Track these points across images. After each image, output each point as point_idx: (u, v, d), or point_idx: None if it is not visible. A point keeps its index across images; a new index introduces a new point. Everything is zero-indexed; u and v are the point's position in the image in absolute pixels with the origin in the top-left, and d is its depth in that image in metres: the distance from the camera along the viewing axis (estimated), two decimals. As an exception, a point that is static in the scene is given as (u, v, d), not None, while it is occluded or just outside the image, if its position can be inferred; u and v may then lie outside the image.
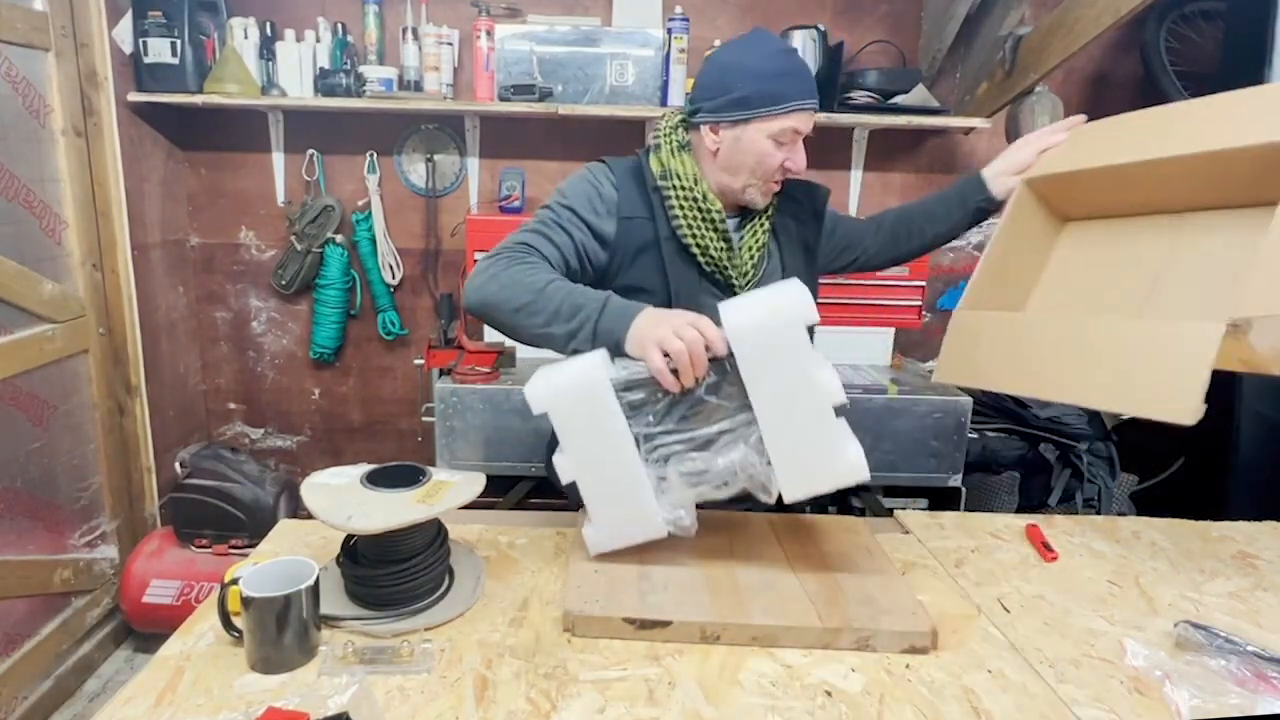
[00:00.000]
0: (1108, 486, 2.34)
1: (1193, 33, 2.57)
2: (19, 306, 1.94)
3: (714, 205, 1.27)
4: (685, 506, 1.05)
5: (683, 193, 1.26)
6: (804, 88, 1.24)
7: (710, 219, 1.27)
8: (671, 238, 1.27)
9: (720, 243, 1.28)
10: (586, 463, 1.04)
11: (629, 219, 1.28)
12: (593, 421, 1.02)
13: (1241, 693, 0.86)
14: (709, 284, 1.29)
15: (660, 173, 1.28)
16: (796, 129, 1.25)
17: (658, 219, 1.28)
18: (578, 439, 1.04)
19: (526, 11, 2.51)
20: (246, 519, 2.25)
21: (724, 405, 1.03)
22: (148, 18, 2.24)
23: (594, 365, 1.02)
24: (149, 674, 0.86)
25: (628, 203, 1.28)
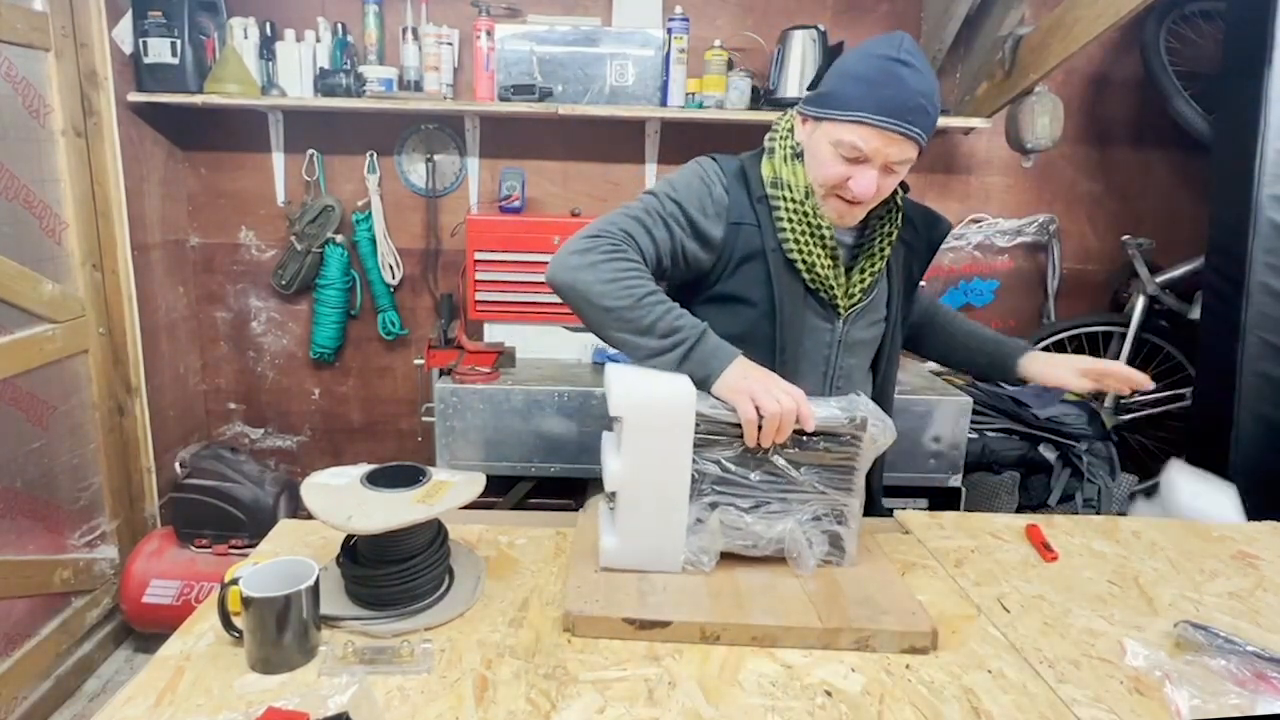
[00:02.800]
0: (1108, 486, 2.34)
1: (1193, 33, 2.57)
2: (19, 306, 1.94)
3: (824, 221, 1.19)
4: (710, 553, 1.06)
5: (793, 205, 1.19)
6: (879, 102, 1.09)
7: (820, 235, 1.20)
8: (778, 250, 1.21)
9: (828, 260, 1.21)
10: (638, 479, 1.03)
11: (738, 224, 1.22)
12: (664, 443, 1.01)
13: (1241, 693, 0.86)
14: (815, 301, 1.24)
15: (771, 180, 1.22)
16: (856, 145, 1.11)
17: (764, 228, 1.21)
18: (641, 453, 1.02)
19: (526, 11, 2.51)
20: (246, 519, 2.25)
21: (788, 476, 1.05)
22: (148, 18, 2.24)
23: (689, 390, 1.02)
24: (149, 674, 0.86)
25: (738, 207, 1.22)
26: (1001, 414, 2.40)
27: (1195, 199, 2.73)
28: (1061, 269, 2.79)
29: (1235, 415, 2.16)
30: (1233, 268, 2.16)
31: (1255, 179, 2.09)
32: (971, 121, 2.45)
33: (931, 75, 1.13)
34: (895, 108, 1.08)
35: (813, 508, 1.07)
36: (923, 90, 1.10)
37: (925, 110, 1.10)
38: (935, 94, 1.13)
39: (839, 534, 1.08)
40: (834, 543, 1.08)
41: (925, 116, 1.11)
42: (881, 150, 1.11)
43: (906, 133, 1.09)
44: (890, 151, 1.11)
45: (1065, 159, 2.73)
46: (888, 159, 1.12)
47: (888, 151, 1.11)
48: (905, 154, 1.12)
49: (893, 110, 1.09)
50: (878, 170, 1.13)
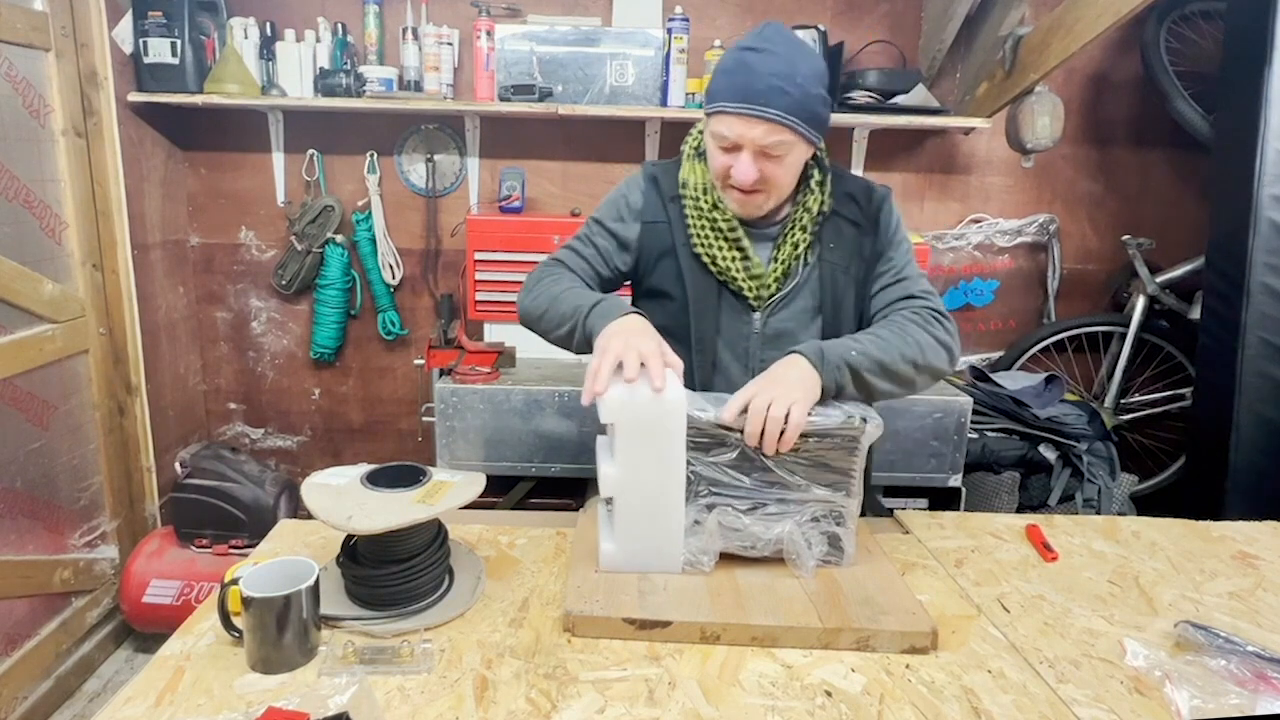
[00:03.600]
0: (1108, 486, 2.34)
1: (1193, 33, 2.57)
2: (19, 306, 1.94)
3: (723, 214, 1.23)
4: (709, 553, 1.06)
5: (692, 202, 1.25)
6: (732, 89, 1.13)
7: (718, 228, 1.24)
8: (687, 245, 1.26)
9: (732, 252, 1.24)
10: (633, 482, 1.03)
11: (651, 223, 1.29)
12: (656, 447, 1.02)
13: (1241, 693, 0.86)
14: (730, 295, 1.27)
15: (682, 180, 1.28)
16: (723, 134, 1.15)
17: (674, 226, 1.27)
18: (634, 457, 1.02)
19: (526, 11, 2.51)
20: (246, 519, 2.25)
21: (789, 480, 1.05)
22: (148, 18, 2.24)
23: (679, 394, 1.02)
24: (149, 674, 0.87)
25: (651, 207, 1.30)
26: (1001, 414, 2.40)
27: (1195, 199, 2.73)
28: (1061, 269, 2.79)
29: (1235, 415, 2.16)
30: (1233, 268, 2.16)
31: (1255, 179, 2.09)
32: (971, 121, 2.45)
33: (795, 59, 1.13)
34: (745, 92, 1.11)
35: (811, 509, 1.07)
36: (775, 72, 1.11)
37: (782, 91, 1.11)
38: (799, 76, 1.12)
39: (838, 535, 1.08)
40: (833, 543, 1.09)
41: (783, 96, 1.11)
42: (745, 135, 1.13)
43: (760, 114, 1.11)
44: (754, 135, 1.13)
45: (1065, 159, 2.73)
46: (756, 143, 1.14)
47: (751, 135, 1.13)
48: (772, 136, 1.13)
49: (743, 95, 1.12)
50: (752, 155, 1.15)
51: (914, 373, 1.15)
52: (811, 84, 1.13)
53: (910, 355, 1.14)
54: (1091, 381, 2.86)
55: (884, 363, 1.12)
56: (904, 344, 1.15)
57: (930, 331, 1.18)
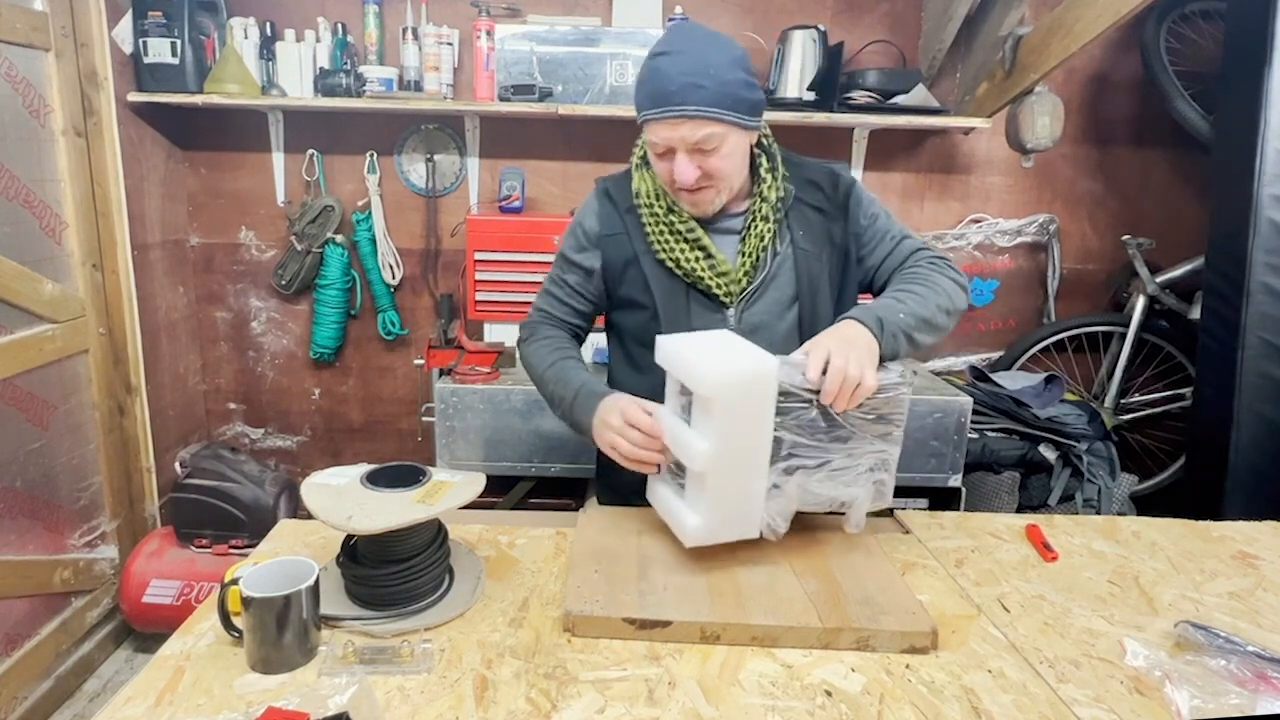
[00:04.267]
0: (1108, 486, 2.34)
1: (1193, 33, 2.57)
2: (19, 306, 1.94)
3: (679, 217, 1.25)
4: (786, 515, 1.08)
5: (648, 210, 1.27)
6: (649, 97, 1.15)
7: (676, 231, 1.25)
8: (649, 253, 1.28)
9: (694, 253, 1.25)
10: (727, 454, 1.01)
11: (610, 237, 1.31)
12: (753, 416, 1.02)
13: (1241, 693, 0.85)
14: (700, 295, 1.27)
15: (635, 190, 1.29)
16: (654, 141, 1.17)
17: (633, 235, 1.29)
18: (731, 431, 1.01)
19: (526, 11, 2.51)
20: (246, 519, 2.25)
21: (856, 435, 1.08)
22: (148, 18, 2.24)
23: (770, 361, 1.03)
24: (149, 674, 0.86)
25: (607, 223, 1.32)
26: (1001, 414, 2.40)
27: (1195, 199, 2.73)
28: (1061, 269, 2.79)
29: (1235, 415, 2.16)
30: (1233, 268, 2.16)
31: (1255, 179, 2.09)
32: (971, 121, 2.45)
33: (704, 53, 1.14)
34: (661, 96, 1.13)
35: (869, 460, 1.10)
36: (686, 70, 1.12)
37: (696, 86, 1.12)
38: (712, 67, 1.13)
39: (883, 480, 1.12)
40: (879, 489, 1.13)
41: (698, 91, 1.12)
42: (672, 137, 1.15)
43: (681, 114, 1.12)
44: (682, 134, 1.14)
45: (1065, 159, 2.73)
46: (686, 142, 1.15)
47: (680, 135, 1.14)
48: (699, 132, 1.13)
49: (660, 99, 1.14)
50: (687, 155, 1.16)
51: (947, 319, 1.21)
52: (727, 72, 1.14)
53: (944, 304, 1.20)
54: (1091, 381, 2.86)
55: (927, 319, 1.16)
56: (937, 295, 1.20)
57: (948, 276, 1.24)
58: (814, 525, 1.22)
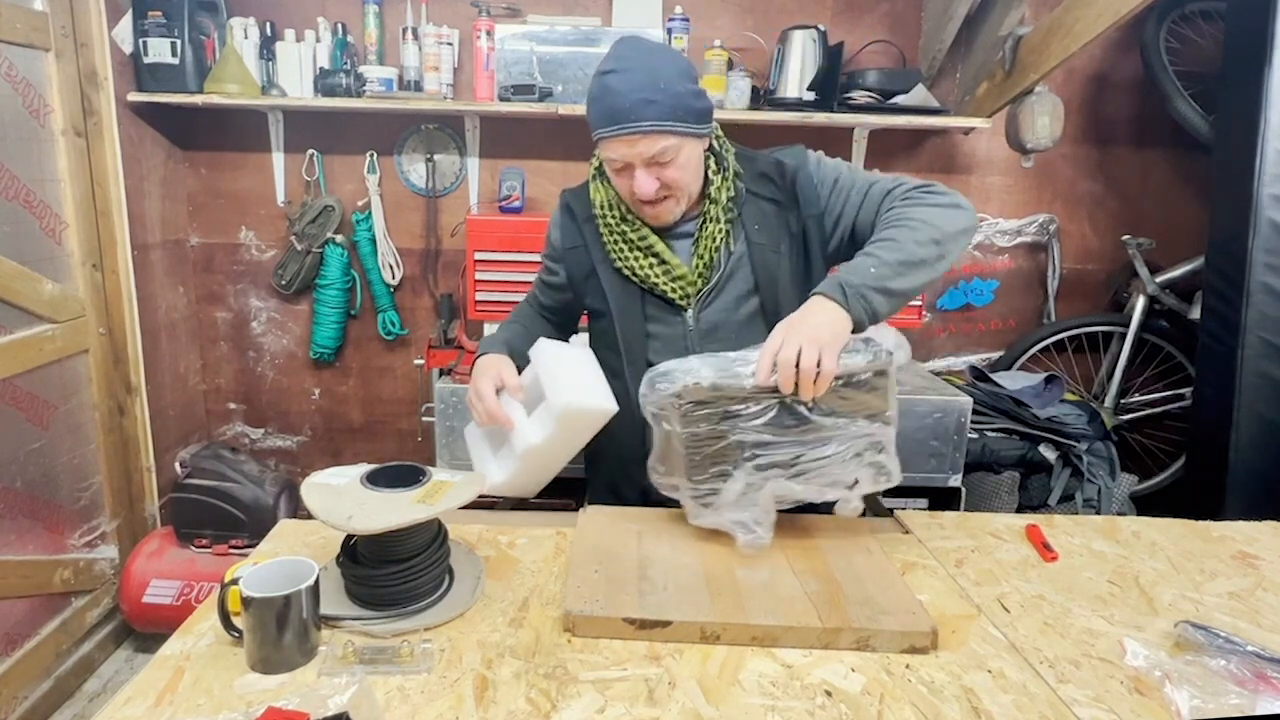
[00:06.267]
0: (1108, 486, 2.34)
1: (1193, 33, 2.57)
2: (19, 306, 1.94)
3: (631, 227, 1.27)
4: (765, 521, 1.10)
5: (601, 221, 1.29)
6: (601, 116, 1.16)
7: (629, 240, 1.27)
8: (606, 261, 1.31)
9: (648, 260, 1.27)
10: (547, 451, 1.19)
11: (571, 249, 1.35)
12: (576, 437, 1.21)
13: (1241, 693, 0.85)
14: (656, 300, 1.29)
15: (592, 201, 1.31)
16: (610, 158, 1.19)
17: (591, 246, 1.32)
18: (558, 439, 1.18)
19: (526, 11, 2.51)
20: (246, 519, 2.25)
21: (829, 423, 1.07)
22: (148, 18, 2.24)
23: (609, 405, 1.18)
24: (149, 674, 0.86)
25: (568, 235, 1.36)
26: (1001, 414, 2.40)
27: (1195, 199, 2.73)
28: (1061, 269, 2.79)
29: (1235, 415, 2.16)
30: (1233, 268, 2.16)
31: (1255, 179, 2.09)
32: (971, 121, 2.45)
33: (652, 68, 1.14)
34: (614, 115, 1.14)
35: (853, 446, 1.08)
36: (636, 86, 1.13)
37: (647, 101, 1.13)
38: (661, 81, 1.13)
39: (880, 461, 1.10)
40: (878, 470, 1.10)
41: (651, 106, 1.13)
42: (630, 153, 1.16)
43: (636, 130, 1.13)
44: (639, 151, 1.15)
45: (1065, 159, 2.73)
46: (643, 157, 1.16)
47: (637, 151, 1.15)
48: (655, 146, 1.14)
49: (612, 118, 1.14)
50: (646, 170, 1.17)
51: (939, 249, 1.12)
52: (675, 83, 1.15)
53: (927, 235, 1.11)
54: (1091, 381, 2.86)
55: (905, 260, 1.09)
56: (913, 230, 1.11)
57: (929, 203, 1.16)
58: (814, 526, 1.22)
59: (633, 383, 1.32)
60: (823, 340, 1.01)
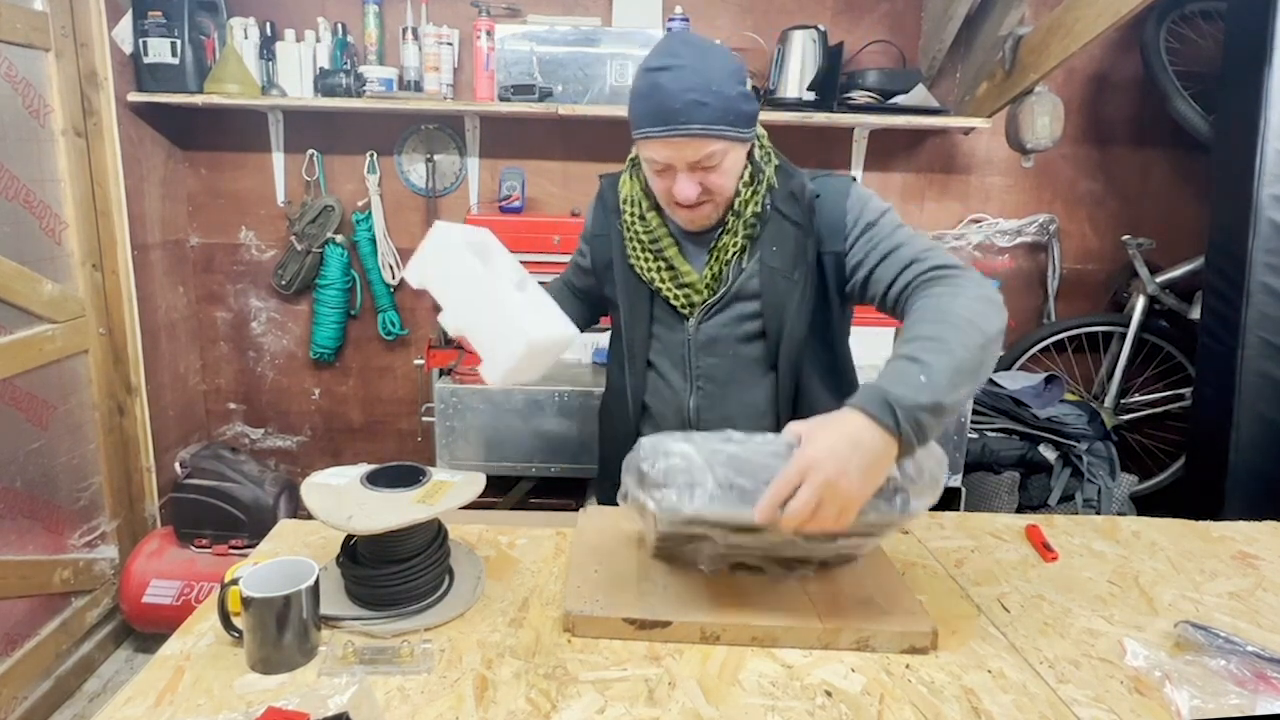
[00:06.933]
0: (1108, 486, 2.34)
1: (1193, 33, 2.57)
2: (19, 306, 1.94)
3: (648, 227, 1.25)
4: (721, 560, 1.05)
5: (628, 217, 1.28)
6: (649, 115, 1.10)
7: (641, 240, 1.26)
8: (623, 256, 1.30)
9: (656, 263, 1.26)
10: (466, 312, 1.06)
11: (599, 237, 1.35)
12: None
13: (1241, 693, 0.85)
14: (663, 303, 1.28)
15: (624, 195, 1.30)
16: (654, 158, 1.13)
17: (613, 239, 1.31)
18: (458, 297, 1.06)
19: (526, 11, 2.51)
20: (246, 519, 2.25)
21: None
22: (148, 18, 2.24)
23: None
24: (149, 674, 0.86)
25: (598, 223, 1.36)
26: (1001, 414, 2.40)
27: (1195, 199, 2.73)
28: (1061, 269, 2.79)
29: (1235, 415, 2.16)
30: (1233, 268, 2.16)
31: (1255, 179, 2.09)
32: (971, 121, 2.45)
33: (705, 67, 1.09)
34: (663, 115, 1.09)
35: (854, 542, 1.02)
36: (689, 87, 1.08)
37: (698, 104, 1.08)
38: (714, 83, 1.08)
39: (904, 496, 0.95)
40: (903, 502, 0.94)
41: (701, 109, 1.08)
42: (676, 156, 1.12)
43: (685, 133, 1.09)
44: (685, 154, 1.11)
45: (1065, 159, 2.73)
46: (688, 161, 1.12)
47: (683, 155, 1.11)
48: (703, 150, 1.10)
49: (661, 118, 1.09)
50: (689, 173, 1.13)
51: (984, 354, 0.96)
52: (728, 86, 1.10)
53: (975, 339, 0.95)
54: (1091, 381, 2.86)
55: (958, 368, 0.91)
56: (961, 332, 0.95)
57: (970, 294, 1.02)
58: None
59: (631, 379, 1.32)
60: (851, 493, 0.84)
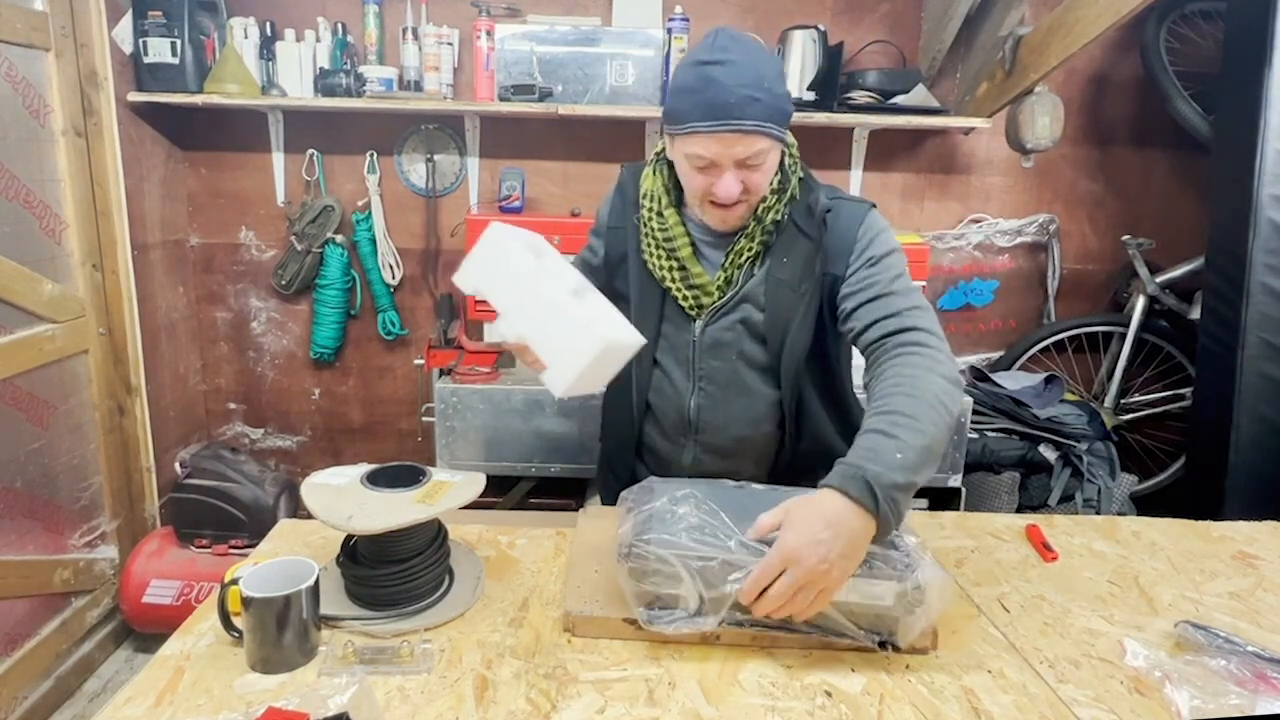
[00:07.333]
0: (1108, 486, 2.34)
1: (1193, 33, 2.57)
2: (19, 306, 1.94)
3: (666, 225, 1.23)
4: None
5: (649, 213, 1.26)
6: (702, 109, 1.08)
7: (656, 238, 1.25)
8: (638, 253, 1.28)
9: (669, 263, 1.25)
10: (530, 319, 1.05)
11: (615, 229, 1.33)
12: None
13: (1241, 693, 0.86)
14: (673, 302, 1.27)
15: (645, 191, 1.28)
16: (699, 154, 1.11)
17: (630, 232, 1.30)
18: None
19: (526, 11, 2.51)
20: (246, 519, 2.25)
21: None
22: (148, 18, 2.23)
23: None
24: (149, 674, 0.87)
25: (615, 215, 1.34)
26: (1001, 414, 2.40)
27: (1195, 199, 2.73)
28: (1061, 269, 2.79)
29: (1235, 415, 2.16)
30: (1233, 268, 2.16)
31: (1255, 179, 2.09)
32: (971, 121, 2.45)
33: (756, 64, 1.09)
34: (717, 109, 1.07)
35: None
36: (742, 83, 1.07)
37: (753, 99, 1.07)
38: (765, 80, 1.09)
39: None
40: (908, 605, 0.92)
41: (755, 105, 1.07)
42: (724, 153, 1.10)
43: (739, 129, 1.08)
44: (735, 151, 1.10)
45: (1065, 159, 2.72)
46: (736, 158, 1.11)
47: (732, 152, 1.10)
48: (753, 148, 1.10)
49: (716, 113, 1.07)
50: (734, 171, 1.12)
51: (947, 438, 0.99)
52: (777, 85, 1.11)
53: (943, 421, 0.98)
54: (1091, 381, 2.86)
55: (929, 448, 0.95)
56: (934, 411, 0.98)
57: (942, 373, 1.03)
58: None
59: (638, 376, 1.32)
60: (831, 579, 0.86)
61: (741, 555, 0.90)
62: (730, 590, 0.89)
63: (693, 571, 0.90)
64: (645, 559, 0.91)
